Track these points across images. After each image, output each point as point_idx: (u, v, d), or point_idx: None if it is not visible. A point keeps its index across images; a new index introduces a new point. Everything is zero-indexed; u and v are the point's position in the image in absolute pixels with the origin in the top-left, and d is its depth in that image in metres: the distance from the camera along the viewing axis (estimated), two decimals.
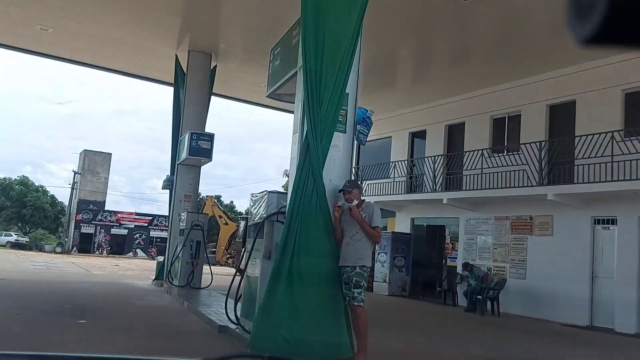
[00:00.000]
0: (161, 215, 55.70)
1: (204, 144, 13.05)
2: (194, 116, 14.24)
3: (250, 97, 19.01)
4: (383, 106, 18.69)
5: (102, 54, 15.59)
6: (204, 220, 12.96)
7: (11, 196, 50.78)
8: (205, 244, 12.97)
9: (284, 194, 6.67)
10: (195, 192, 14.45)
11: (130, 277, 16.94)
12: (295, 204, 5.51)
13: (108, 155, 54.27)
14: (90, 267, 22.10)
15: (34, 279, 13.46)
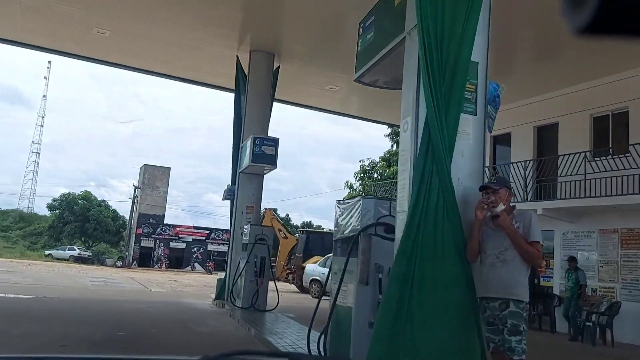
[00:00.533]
0: (218, 229, 55.57)
1: (267, 150, 11.83)
2: (256, 121, 13.09)
3: (311, 101, 17.77)
4: None
5: (160, 59, 14.78)
6: (269, 234, 11.69)
7: (75, 211, 51.95)
8: (270, 260, 11.67)
9: (384, 199, 5.22)
10: (258, 203, 13.25)
11: (190, 295, 15.90)
12: (414, 212, 4.04)
13: (167, 169, 54.82)
14: (148, 283, 21.38)
15: (90, 297, 12.58)
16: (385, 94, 16.93)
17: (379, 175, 25.62)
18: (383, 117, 20.23)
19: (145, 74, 15.80)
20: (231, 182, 13.70)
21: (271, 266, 11.90)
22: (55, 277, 20.36)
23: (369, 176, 26.11)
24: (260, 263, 11.39)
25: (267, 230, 11.70)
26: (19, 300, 10.88)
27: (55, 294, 12.41)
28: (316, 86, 15.76)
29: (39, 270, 24.85)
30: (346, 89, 16.13)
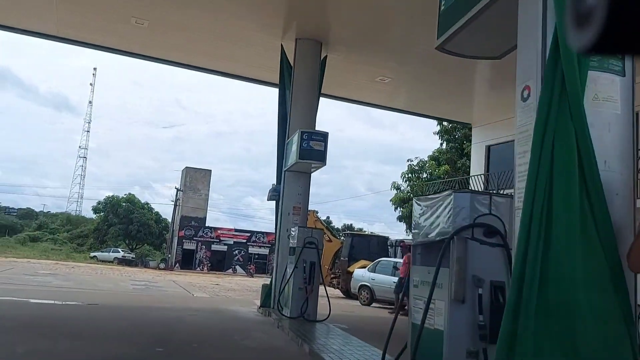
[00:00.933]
0: (259, 232, 55.18)
1: (316, 145, 10.82)
2: (302, 114, 12.12)
3: (356, 94, 16.67)
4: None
5: (200, 52, 14.02)
6: (319, 237, 10.67)
7: (119, 213, 52.52)
8: (320, 265, 10.66)
9: (482, 193, 4.11)
10: (305, 203, 12.26)
11: (233, 301, 15.06)
12: (542, 206, 2.92)
13: (208, 171, 54.79)
14: (190, 287, 20.75)
15: (129, 304, 11.88)
16: (436, 86, 15.71)
17: (428, 174, 24.29)
18: (432, 111, 18.94)
19: (185, 68, 15.09)
20: (276, 181, 12.78)
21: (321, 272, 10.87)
22: (97, 280, 19.98)
23: (417, 176, 24.81)
24: (310, 269, 10.38)
25: (316, 232, 10.69)
26: (54, 307, 10.23)
27: (94, 300, 11.76)
28: (365, 77, 14.68)
29: (82, 273, 24.67)
30: (397, 80, 14.99)
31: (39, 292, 12.83)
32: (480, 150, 18.25)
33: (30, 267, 25.14)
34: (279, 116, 12.99)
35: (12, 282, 15.40)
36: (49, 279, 18.12)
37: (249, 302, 14.62)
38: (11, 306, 9.70)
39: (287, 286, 10.66)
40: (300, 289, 10.33)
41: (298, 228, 10.63)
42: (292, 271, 10.40)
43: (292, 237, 10.98)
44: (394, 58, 13.48)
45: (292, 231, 11.08)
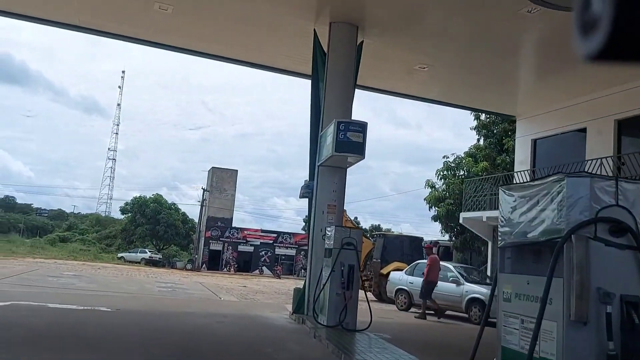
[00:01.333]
0: (286, 232, 54.49)
1: (354, 136, 9.84)
2: (337, 104, 11.16)
3: (388, 84, 15.63)
4: (569, 88, 14.35)
5: (228, 40, 13.21)
6: (358, 237, 9.69)
7: (146, 213, 52.43)
8: (360, 268, 9.67)
9: (604, 178, 3.10)
10: (340, 201, 11.29)
11: (263, 306, 14.18)
12: None
13: (234, 172, 54.31)
14: (217, 289, 20.00)
15: (153, 309, 11.10)
16: (477, 75, 14.50)
17: (466, 171, 23.06)
18: (471, 102, 17.77)
19: (211, 58, 14.29)
20: (309, 177, 11.86)
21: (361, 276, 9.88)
22: (122, 282, 19.40)
23: (453, 173, 23.59)
24: (348, 272, 9.41)
25: (355, 232, 9.71)
26: (72, 313, 9.49)
27: (116, 304, 11.01)
28: (402, 65, 13.66)
29: (107, 274, 24.19)
30: (436, 68, 13.90)
31: (59, 296, 12.18)
32: (525, 144, 17.01)
33: (56, 268, 24.80)
34: (312, 108, 12.06)
35: (34, 285, 14.84)
36: (73, 280, 17.58)
37: (279, 306, 13.73)
38: (26, 312, 9.00)
39: (323, 292, 9.72)
40: (338, 295, 9.37)
41: (335, 228, 9.67)
42: (328, 275, 9.44)
43: (327, 237, 10.04)
44: (433, 43, 12.43)
45: (327, 231, 10.13)
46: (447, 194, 23.05)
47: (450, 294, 14.42)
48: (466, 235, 23.22)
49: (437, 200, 23.18)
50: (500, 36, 11.82)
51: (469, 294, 14.04)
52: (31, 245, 48.34)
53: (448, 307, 14.89)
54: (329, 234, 10.00)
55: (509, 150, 21.98)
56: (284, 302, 16.14)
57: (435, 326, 12.89)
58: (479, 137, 24.49)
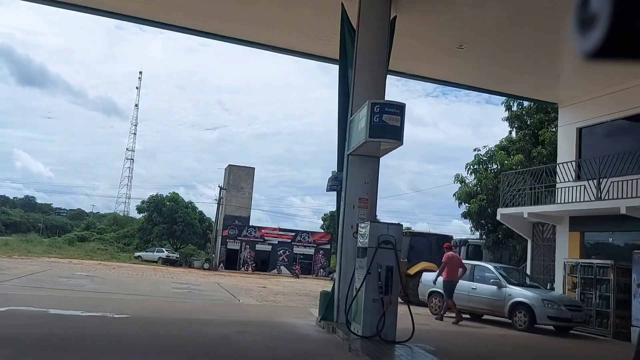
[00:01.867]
0: (304, 231, 53.37)
1: (391, 120, 8.62)
2: (368, 85, 9.96)
3: (419, 68, 14.34)
4: (621, 69, 12.90)
5: (244, 20, 12.07)
6: (397, 235, 8.45)
7: (163, 212, 51.73)
8: (399, 270, 8.43)
9: None
10: (373, 195, 10.08)
11: (285, 310, 13.02)
12: None
13: (251, 169, 53.38)
14: (236, 290, 18.92)
15: (166, 315, 9.99)
16: (516, 58, 13.08)
17: (499, 165, 21.62)
18: (508, 87, 16.36)
19: (229, 41, 13.17)
20: (337, 167, 10.66)
21: (401, 279, 8.63)
22: (136, 282, 18.41)
23: (485, 167, 22.17)
24: (386, 275, 8.19)
25: (394, 229, 8.46)
26: (74, 321, 8.42)
27: (125, 309, 9.95)
28: (438, 43, 12.40)
29: (122, 274, 23.27)
30: (475, 49, 12.61)
31: (65, 299, 11.17)
32: (569, 133, 15.60)
33: (69, 268, 23.97)
34: (340, 93, 10.88)
35: (42, 286, 13.90)
36: (84, 281, 16.63)
37: (304, 311, 12.57)
38: (22, 320, 7.96)
39: (357, 297, 8.52)
40: (375, 301, 8.16)
41: (370, 224, 8.45)
42: (363, 278, 8.23)
43: (361, 235, 8.83)
44: (472, 19, 11.18)
45: (361, 228, 8.92)
46: (479, 189, 21.66)
47: (491, 298, 13.12)
48: (498, 234, 21.81)
49: (467, 196, 21.80)
50: (543, 13, 10.50)
51: (512, 297, 12.72)
52: (49, 245, 47.93)
53: (487, 311, 13.60)
54: (362, 231, 8.80)
55: (545, 142, 20.53)
56: (308, 305, 14.98)
57: (482, 334, 11.61)
58: (511, 129, 23.04)
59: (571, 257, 14.43)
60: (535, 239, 16.45)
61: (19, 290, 12.35)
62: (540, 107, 22.13)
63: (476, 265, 14.38)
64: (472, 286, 13.62)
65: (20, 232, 72.96)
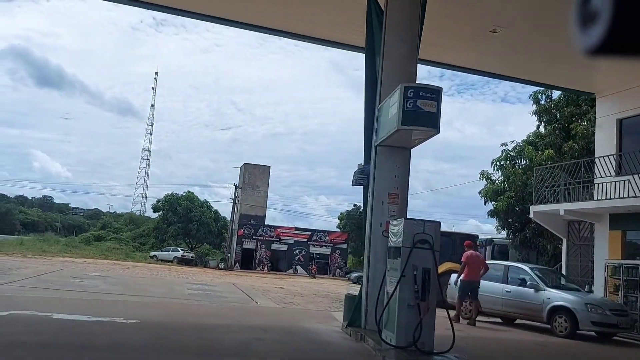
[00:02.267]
0: (320, 230, 52.57)
1: (426, 105, 7.75)
2: (398, 69, 9.09)
3: (447, 55, 13.41)
4: None
5: (262, 6, 11.29)
6: (435, 233, 7.58)
7: (178, 211, 51.28)
8: (437, 273, 7.55)
9: None
10: (404, 189, 9.22)
11: (306, 314, 12.20)
12: None
13: (267, 168, 52.74)
14: (253, 292, 18.18)
15: (178, 320, 9.23)
16: (550, 43, 12.14)
17: (528, 161, 20.57)
18: (540, 76, 15.32)
19: (246, 28, 12.40)
20: (364, 160, 9.81)
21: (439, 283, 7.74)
22: (149, 283, 17.75)
23: (512, 163, 21.13)
24: (423, 278, 7.33)
25: (431, 226, 7.58)
26: (79, 327, 7.69)
27: (135, 314, 9.22)
28: (471, 25, 11.48)
29: (136, 274, 22.67)
30: (509, 32, 11.67)
31: (73, 302, 10.49)
32: (609, 125, 14.55)
33: (82, 268, 23.43)
34: (366, 81, 10.02)
35: (51, 287, 13.27)
36: (96, 282, 16.00)
37: (326, 315, 11.75)
38: (22, 327, 7.25)
39: (390, 302, 7.67)
40: (410, 307, 7.29)
41: (404, 221, 7.58)
42: (397, 281, 7.38)
43: (393, 233, 7.97)
44: (507, 1, 10.24)
45: (393, 226, 8.07)
46: (506, 186, 20.64)
47: (527, 301, 12.16)
48: (526, 232, 20.77)
49: (494, 193, 20.78)
50: None
51: (551, 301, 11.75)
52: (65, 244, 47.75)
53: (523, 316, 12.65)
54: (394, 229, 7.94)
55: (577, 135, 19.44)
56: (329, 308, 14.18)
57: (520, 342, 10.70)
58: (539, 123, 21.98)
59: (612, 257, 13.42)
60: (571, 238, 15.43)
61: (26, 292, 11.72)
62: (571, 99, 21.05)
63: (510, 266, 13.41)
64: (506, 289, 12.68)
65: (37, 232, 73.32)
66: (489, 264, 14.34)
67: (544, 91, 21.86)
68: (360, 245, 58.08)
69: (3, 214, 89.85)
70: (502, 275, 13.05)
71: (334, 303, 16.76)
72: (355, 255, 60.47)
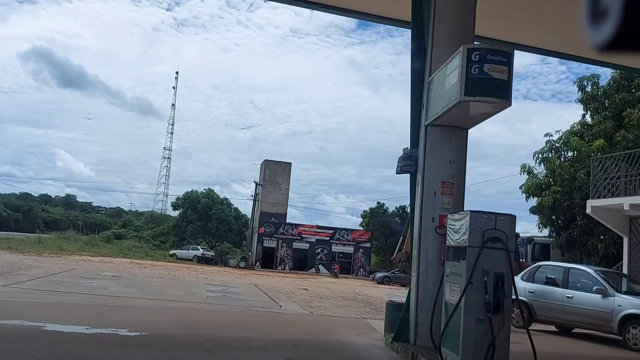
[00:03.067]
0: (343, 229, 51.07)
1: (495, 71, 6.24)
2: (453, 32, 7.57)
3: (507, 32, 11.76)
4: None
5: None
6: (510, 230, 6.06)
7: (197, 209, 50.27)
8: (513, 279, 6.04)
9: None
10: (461, 177, 7.72)
11: (339, 323, 10.74)
12: None
13: (288, 164, 51.42)
14: (276, 293, 16.83)
15: (193, 332, 7.86)
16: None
17: (576, 152, 18.80)
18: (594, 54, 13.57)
19: (282, 2, 10.95)
20: (411, 144, 8.31)
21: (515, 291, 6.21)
22: (165, 285, 16.50)
23: (558, 155, 19.37)
24: (496, 286, 5.83)
25: (505, 221, 6.05)
26: (70, 343, 6.36)
27: (144, 323, 7.90)
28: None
29: (152, 274, 21.50)
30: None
31: (74, 308, 9.23)
32: None
33: (96, 267, 22.34)
34: (413, 51, 8.48)
35: (57, 289, 12.09)
36: (107, 283, 14.79)
37: (362, 324, 10.30)
38: (3, 342, 5.94)
39: (451, 313, 6.18)
40: (480, 321, 5.80)
41: (470, 215, 6.07)
42: (462, 290, 5.88)
43: (453, 230, 6.47)
44: None
45: (453, 221, 6.56)
46: (552, 180, 18.89)
47: (593, 309, 10.54)
48: (572, 230, 19.01)
49: (538, 188, 19.04)
50: None
51: (623, 309, 10.12)
52: (86, 242, 47.09)
53: (587, 325, 11.02)
54: (455, 225, 6.44)
55: (631, 124, 17.63)
56: (362, 314, 12.74)
57: (591, 358, 9.10)
58: (585, 112, 20.16)
59: None
60: (634, 236, 13.70)
61: (27, 295, 10.51)
62: (622, 85, 19.22)
63: (570, 268, 11.75)
64: (567, 294, 11.06)
65: (59, 230, 73.33)
66: (540, 265, 12.76)
67: (590, 77, 20.08)
68: (384, 244, 56.36)
69: (26, 212, 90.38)
70: (561, 278, 11.43)
71: (365, 307, 15.32)
72: (379, 255, 58.84)
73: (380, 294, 22.98)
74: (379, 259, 58.56)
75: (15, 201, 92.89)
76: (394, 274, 37.91)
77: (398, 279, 36.29)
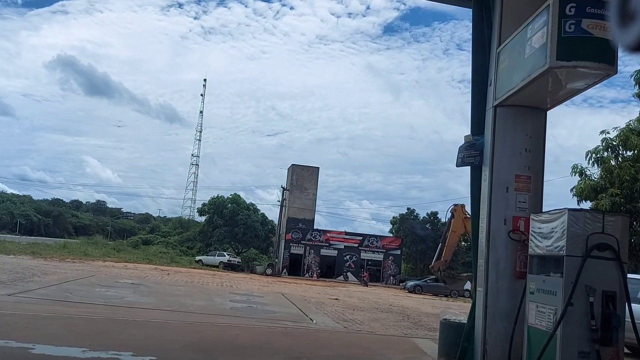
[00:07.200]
0: (372, 235, 49.56)
1: (596, 27, 4.80)
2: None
3: None
4: None
5: None
6: (622, 234, 4.60)
7: (224, 214, 49.40)
8: (629, 298, 4.59)
9: None
10: (538, 169, 6.26)
11: (379, 340, 9.30)
12: None
13: (315, 169, 50.16)
14: (305, 304, 15.49)
15: (210, 355, 6.55)
16: None
17: (635, 151, 16.98)
18: None
19: None
20: (471, 130, 6.88)
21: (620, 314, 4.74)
22: (187, 294, 15.31)
23: (615, 155, 17.57)
24: (605, 308, 4.37)
25: (614, 223, 4.60)
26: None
27: (154, 345, 6.65)
28: None
29: (175, 281, 20.39)
30: None
31: (78, 322, 8.05)
32: None
33: (117, 273, 21.37)
34: (475, 18, 7.09)
35: (66, 299, 11.01)
36: (124, 292, 13.68)
37: (406, 344, 8.84)
38: None
39: (545, 342, 4.72)
40: (584, 355, 4.34)
41: (568, 213, 4.62)
42: (561, 312, 4.43)
43: (541, 235, 5.02)
44: None
45: (541, 222, 5.11)
46: (609, 182, 17.08)
47: None
48: (631, 238, 17.11)
49: (593, 190, 17.25)
50: None
51: None
52: (112, 248, 46.61)
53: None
54: (543, 228, 5.00)
55: None
56: (401, 330, 11.30)
57: None
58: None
59: None
60: None
61: (29, 306, 9.40)
62: None
63: None
64: None
65: (88, 235, 73.76)
66: None
67: None
68: (414, 251, 54.54)
69: (56, 217, 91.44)
70: (633, 291, 9.77)
71: (403, 321, 13.86)
72: (409, 262, 56.97)
73: (416, 305, 21.43)
74: (409, 267, 56.67)
75: (46, 207, 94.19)
76: (426, 282, 36.20)
77: (431, 288, 34.53)
